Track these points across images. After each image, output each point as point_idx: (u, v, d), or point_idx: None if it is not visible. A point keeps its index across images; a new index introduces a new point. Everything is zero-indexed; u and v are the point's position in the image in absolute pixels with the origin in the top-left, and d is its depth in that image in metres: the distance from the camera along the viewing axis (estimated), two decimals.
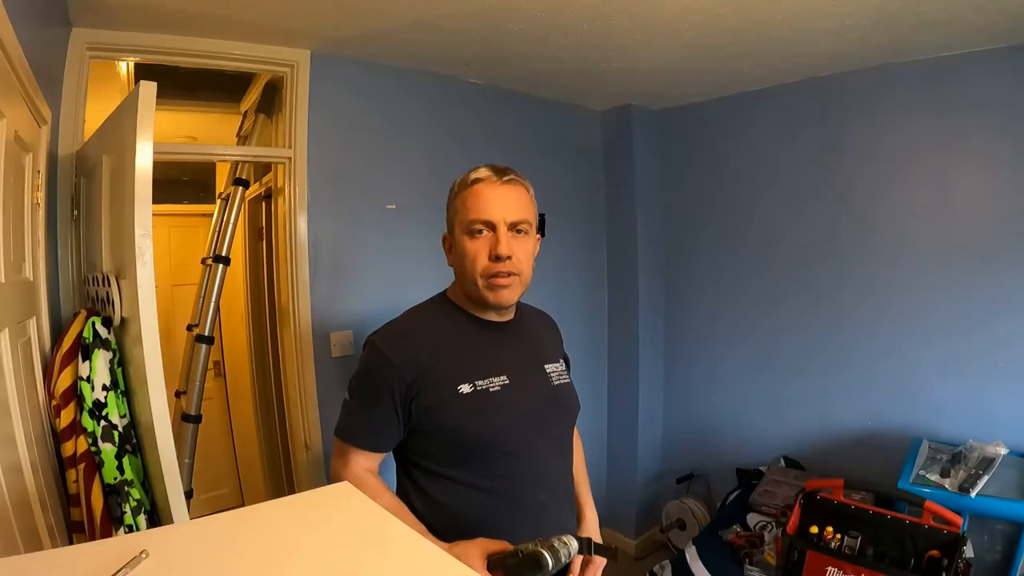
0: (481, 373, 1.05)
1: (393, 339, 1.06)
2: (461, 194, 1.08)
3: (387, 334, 1.08)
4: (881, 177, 2.19)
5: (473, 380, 1.03)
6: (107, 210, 1.38)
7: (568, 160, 2.79)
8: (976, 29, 1.78)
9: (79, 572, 0.44)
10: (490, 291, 1.05)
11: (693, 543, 2.01)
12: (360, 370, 1.08)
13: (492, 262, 1.03)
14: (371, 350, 1.06)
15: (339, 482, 0.75)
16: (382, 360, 1.03)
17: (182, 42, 1.76)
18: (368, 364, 1.06)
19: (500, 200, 1.04)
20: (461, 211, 1.06)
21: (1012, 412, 1.91)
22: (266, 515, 0.54)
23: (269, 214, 2.41)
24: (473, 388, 1.03)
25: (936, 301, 2.08)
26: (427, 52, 2.04)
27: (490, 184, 1.06)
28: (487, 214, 1.03)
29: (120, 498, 1.21)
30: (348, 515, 0.54)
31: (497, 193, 1.05)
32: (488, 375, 1.05)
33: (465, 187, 1.08)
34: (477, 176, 1.07)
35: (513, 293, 1.07)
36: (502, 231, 1.03)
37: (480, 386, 1.03)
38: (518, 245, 1.05)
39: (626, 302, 2.89)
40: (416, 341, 1.05)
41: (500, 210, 1.03)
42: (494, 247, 1.03)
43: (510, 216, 1.04)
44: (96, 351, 1.25)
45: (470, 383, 1.03)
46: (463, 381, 1.02)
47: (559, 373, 1.18)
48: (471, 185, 1.07)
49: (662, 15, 1.72)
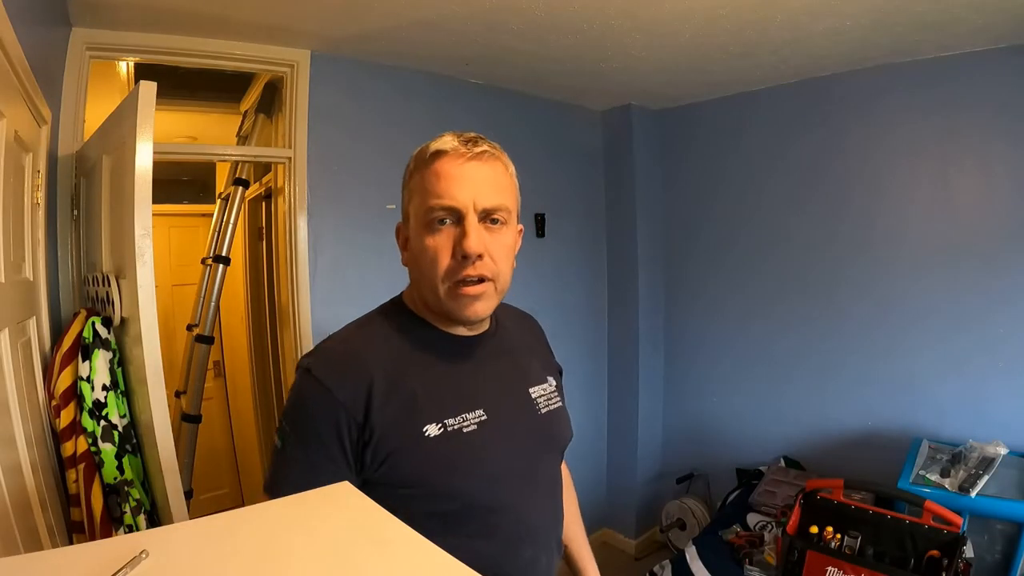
0: (452, 408, 0.79)
1: (334, 366, 0.78)
2: (419, 173, 0.81)
3: (326, 359, 0.79)
4: (881, 177, 2.19)
5: (442, 418, 0.78)
6: (107, 210, 1.38)
7: (568, 160, 2.79)
8: (976, 29, 1.78)
9: (79, 572, 0.44)
10: (455, 302, 0.79)
11: (693, 543, 2.01)
12: (292, 407, 0.79)
13: (458, 262, 0.78)
14: (306, 381, 0.77)
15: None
16: (321, 394, 0.75)
17: (182, 42, 1.76)
18: (303, 399, 0.78)
19: (470, 179, 0.78)
20: (418, 194, 0.80)
21: (1012, 412, 1.91)
22: (266, 515, 0.54)
23: (269, 214, 2.41)
24: (443, 429, 0.77)
25: (936, 301, 2.08)
26: (427, 52, 2.04)
27: (456, 159, 0.79)
28: (452, 199, 0.77)
29: (120, 498, 1.21)
30: (349, 515, 0.54)
31: (466, 170, 0.79)
32: (461, 410, 0.80)
33: (423, 162, 0.81)
34: (439, 147, 0.79)
35: (487, 305, 0.82)
36: (471, 221, 0.77)
37: (451, 426, 0.78)
38: (493, 240, 0.79)
39: (626, 302, 2.89)
40: (365, 367, 0.77)
41: (469, 192, 0.77)
42: (460, 242, 0.77)
43: (483, 200, 0.78)
44: (96, 351, 1.25)
45: (438, 422, 0.77)
46: (429, 420, 0.77)
47: (548, 396, 0.94)
48: (431, 160, 0.79)
49: (662, 15, 1.72)
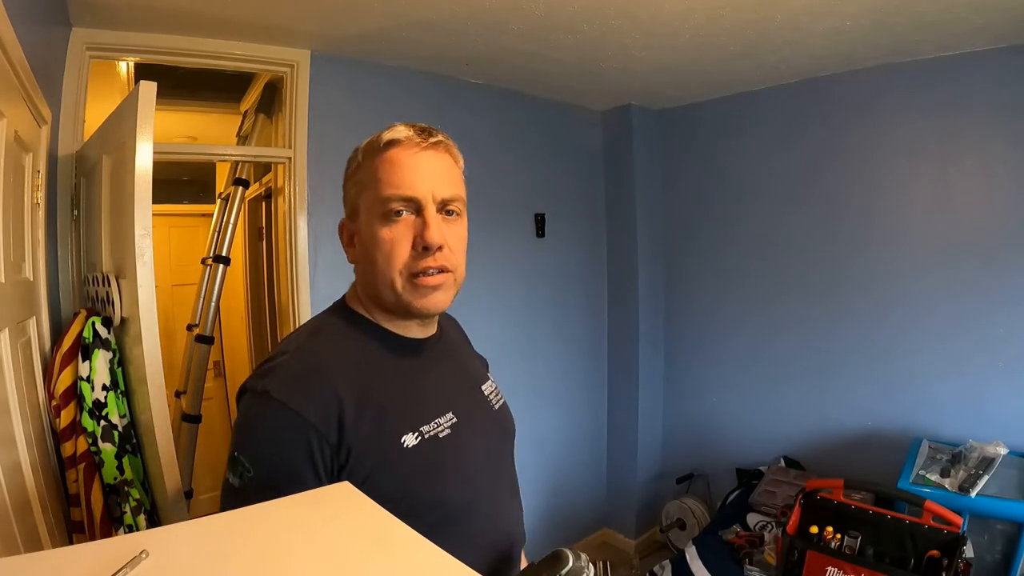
0: (424, 414, 0.76)
1: (297, 383, 0.70)
2: (370, 163, 0.78)
3: (285, 377, 0.71)
4: (881, 177, 2.19)
5: (417, 426, 0.74)
6: (107, 210, 1.38)
7: (568, 160, 2.79)
8: (976, 29, 1.78)
9: (79, 572, 0.44)
10: (416, 295, 0.76)
11: (693, 543, 2.01)
12: (252, 438, 0.70)
13: (418, 253, 0.75)
14: (265, 405, 0.68)
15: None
16: (287, 418, 0.67)
17: (182, 42, 1.76)
18: (266, 427, 0.69)
19: (426, 169, 0.77)
20: (371, 186, 0.77)
21: (1012, 412, 1.91)
22: (266, 515, 0.54)
23: (269, 214, 2.41)
24: (419, 437, 0.73)
25: (936, 301, 2.08)
26: (427, 52, 2.04)
27: (411, 148, 0.77)
28: (410, 188, 0.75)
29: (120, 498, 1.21)
30: (349, 515, 0.54)
31: (422, 160, 0.77)
32: (433, 415, 0.77)
33: (375, 153, 0.77)
34: (393, 137, 0.77)
35: (447, 296, 0.79)
36: (431, 211, 0.75)
37: (427, 433, 0.74)
38: (450, 231, 0.77)
39: (626, 302, 2.89)
40: (329, 381, 0.71)
41: (427, 182, 0.76)
42: (420, 233, 0.75)
43: (440, 191, 0.76)
44: (96, 351, 1.25)
45: (414, 431, 0.73)
46: (405, 429, 0.73)
47: (495, 392, 0.92)
48: (385, 150, 0.77)
49: (662, 15, 1.72)
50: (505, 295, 2.52)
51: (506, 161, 2.52)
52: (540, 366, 2.70)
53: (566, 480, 2.81)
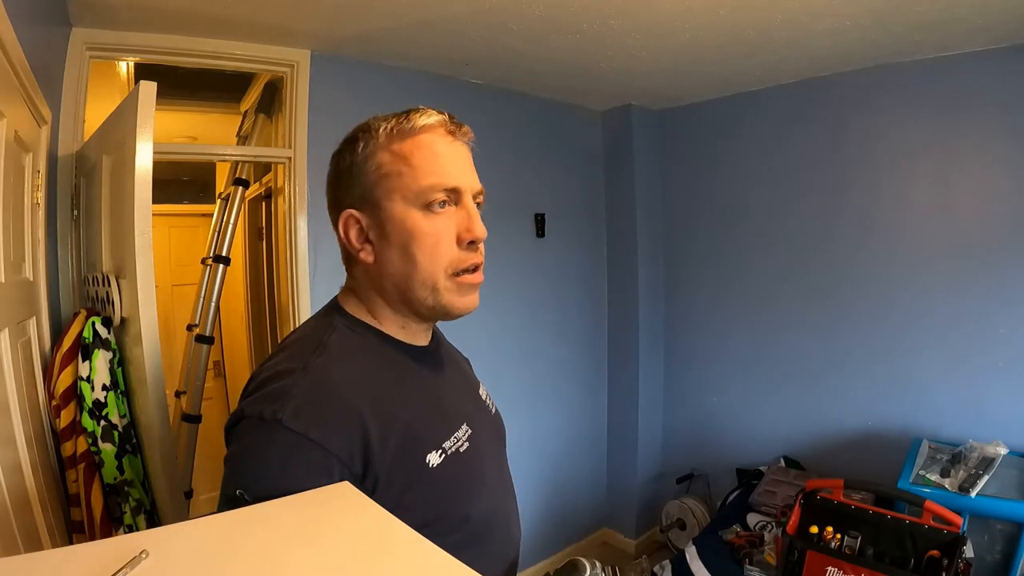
0: (444, 430, 0.70)
1: (315, 409, 0.61)
2: (399, 146, 0.68)
3: (301, 404, 0.61)
4: (881, 177, 2.19)
5: (440, 443, 0.68)
6: (107, 210, 1.38)
7: (568, 160, 2.79)
8: (976, 29, 1.78)
9: (79, 572, 0.44)
10: (458, 294, 0.70)
11: (693, 543, 2.01)
12: (262, 475, 0.59)
13: (465, 248, 0.69)
14: (277, 436, 0.59)
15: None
16: (308, 451, 0.59)
17: (182, 42, 1.76)
18: (279, 464, 0.59)
19: (464, 158, 0.72)
20: (404, 173, 0.67)
21: (1012, 412, 1.91)
22: (266, 515, 0.54)
23: (269, 214, 2.41)
24: (443, 455, 0.68)
25: (936, 301, 2.08)
26: (427, 52, 2.04)
27: (448, 135, 0.71)
28: (454, 178, 0.68)
29: (120, 498, 1.21)
30: (349, 515, 0.54)
31: (459, 149, 0.72)
32: (452, 430, 0.71)
33: (406, 135, 0.69)
34: (427, 122, 0.70)
35: (478, 296, 0.74)
36: (472, 203, 0.70)
37: (449, 449, 0.69)
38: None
39: (626, 302, 2.89)
40: (348, 404, 0.63)
41: (467, 172, 0.71)
42: (467, 226, 0.69)
43: (475, 183, 0.72)
44: (96, 351, 1.25)
45: (437, 449, 0.68)
46: (428, 449, 0.67)
47: (487, 395, 0.88)
48: (419, 133, 0.69)
49: (662, 15, 1.72)
50: (505, 295, 2.52)
51: (506, 161, 2.52)
52: (540, 366, 2.70)
53: (566, 480, 2.81)
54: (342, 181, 0.71)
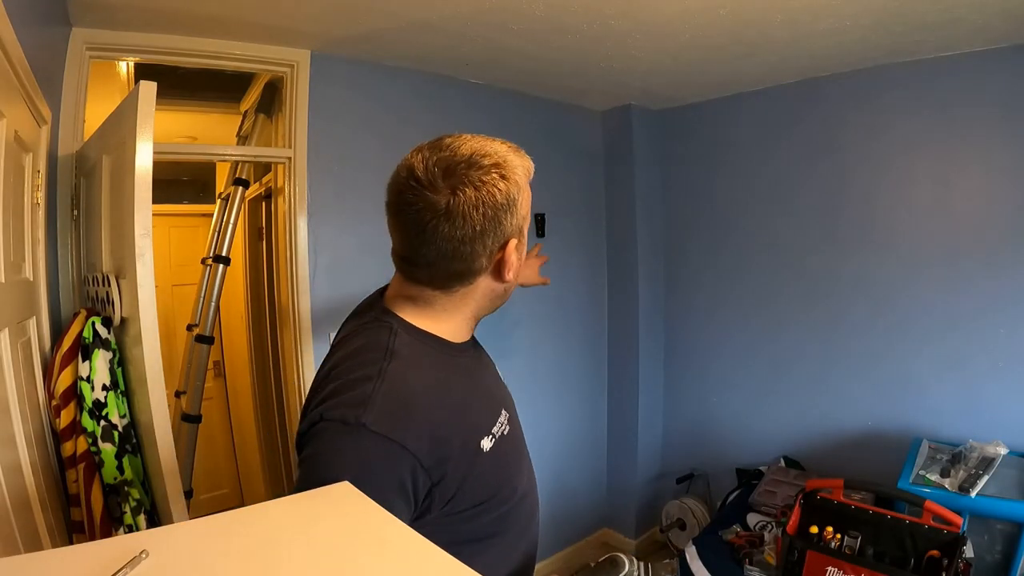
0: (490, 417, 0.80)
1: (395, 412, 0.69)
2: (526, 187, 0.78)
3: (383, 408, 0.68)
4: (881, 178, 2.19)
5: (489, 429, 0.78)
6: (107, 210, 1.38)
7: (568, 160, 2.79)
8: (976, 29, 1.78)
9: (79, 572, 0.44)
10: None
11: (693, 543, 2.01)
12: (347, 471, 0.64)
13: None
14: (363, 438, 0.67)
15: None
16: (389, 451, 0.67)
17: (182, 42, 1.76)
18: (361, 461, 0.67)
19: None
20: (526, 208, 0.79)
21: (1012, 412, 1.91)
22: (266, 515, 0.54)
23: (269, 214, 2.41)
24: (492, 440, 0.78)
25: (936, 301, 2.08)
26: (427, 52, 2.04)
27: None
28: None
29: (120, 498, 1.21)
30: (349, 515, 0.54)
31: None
32: (495, 416, 0.81)
33: (526, 170, 0.79)
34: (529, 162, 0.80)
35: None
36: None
37: (496, 434, 0.79)
38: None
39: (626, 302, 2.89)
40: (423, 408, 0.72)
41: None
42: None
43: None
44: (96, 351, 1.25)
45: (488, 435, 0.78)
46: (481, 435, 0.76)
47: (503, 380, 0.98)
48: (528, 169, 0.79)
49: (662, 15, 1.72)
50: None
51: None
52: (540, 366, 2.70)
53: (566, 480, 2.81)
54: (501, 214, 0.75)
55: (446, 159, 0.74)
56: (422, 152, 0.76)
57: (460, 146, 0.75)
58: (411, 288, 0.81)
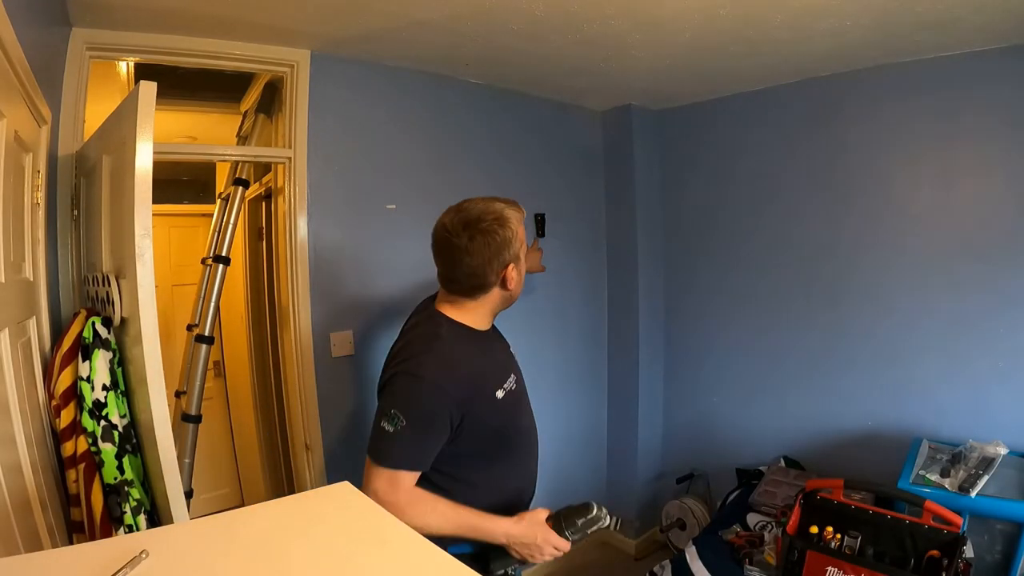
0: (502, 378, 1.29)
1: (444, 372, 1.17)
2: (519, 224, 1.26)
3: (437, 368, 1.17)
4: (882, 177, 2.19)
5: (501, 385, 1.27)
6: (107, 210, 1.38)
7: (568, 160, 2.79)
8: (976, 29, 1.78)
9: (79, 572, 0.44)
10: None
11: (693, 543, 2.01)
12: (411, 404, 1.15)
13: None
14: (422, 387, 1.15)
15: (381, 502, 0.87)
16: (440, 392, 1.15)
17: (182, 42, 1.76)
18: (424, 398, 1.15)
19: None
20: (521, 238, 1.27)
21: (1012, 412, 1.91)
22: (266, 515, 0.54)
23: (269, 214, 2.41)
24: (504, 392, 1.27)
25: (936, 301, 2.08)
26: (427, 52, 2.04)
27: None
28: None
29: (120, 498, 1.21)
30: (348, 515, 0.54)
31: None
32: (506, 378, 1.30)
33: (519, 214, 1.28)
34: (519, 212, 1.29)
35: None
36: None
37: (506, 388, 1.28)
38: None
39: (626, 302, 2.89)
40: (461, 368, 1.20)
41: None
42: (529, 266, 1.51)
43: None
44: (96, 351, 1.25)
45: (501, 388, 1.26)
46: (496, 388, 1.25)
47: (516, 359, 1.47)
48: (521, 222, 1.29)
49: (662, 15, 1.72)
50: None
51: (506, 161, 2.52)
52: (540, 365, 2.69)
53: (566, 480, 2.81)
54: (502, 249, 1.22)
55: (464, 218, 1.20)
56: (450, 213, 1.23)
57: (472, 208, 1.21)
58: (450, 296, 1.29)
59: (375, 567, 0.47)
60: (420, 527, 0.93)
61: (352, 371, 2.08)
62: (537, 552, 1.26)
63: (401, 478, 1.16)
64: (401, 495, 1.15)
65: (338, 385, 2.05)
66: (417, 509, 1.14)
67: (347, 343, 2.06)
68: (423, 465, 1.18)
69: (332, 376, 2.03)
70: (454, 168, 2.32)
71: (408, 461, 1.16)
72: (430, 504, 1.17)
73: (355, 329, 2.07)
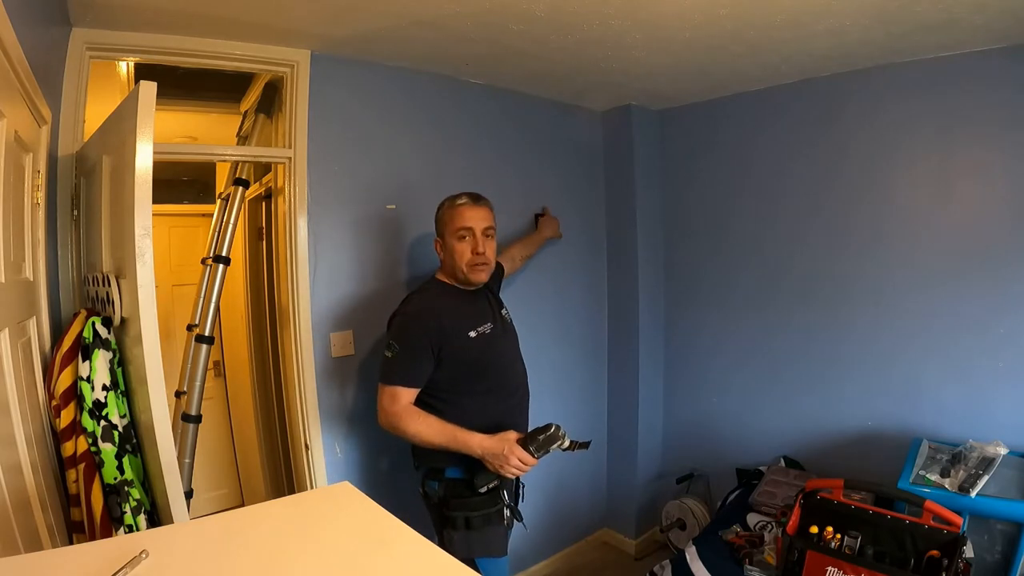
0: (477, 322, 1.64)
1: (422, 311, 1.61)
2: (449, 211, 1.64)
3: (416, 309, 1.62)
4: (882, 177, 2.19)
5: (475, 327, 1.62)
6: (107, 210, 1.38)
7: (568, 160, 2.79)
8: (976, 29, 1.78)
9: (79, 572, 0.44)
10: (472, 274, 1.65)
11: (693, 543, 2.01)
12: (401, 334, 1.57)
13: (473, 256, 1.62)
14: (407, 320, 1.60)
15: (385, 412, 1.54)
16: (419, 323, 1.57)
17: (182, 42, 1.76)
18: (409, 328, 1.57)
19: (476, 216, 1.63)
20: (450, 223, 1.64)
21: (1012, 412, 1.91)
22: (266, 515, 0.54)
23: (269, 214, 2.41)
24: (477, 333, 1.62)
25: (936, 301, 2.07)
26: (427, 52, 2.04)
27: (469, 206, 1.64)
28: (469, 224, 1.62)
29: (120, 498, 1.21)
30: (348, 515, 0.54)
31: (474, 211, 1.63)
32: (482, 323, 1.65)
33: (453, 207, 1.65)
34: (461, 202, 1.65)
35: (486, 275, 1.69)
36: (479, 235, 1.63)
37: (480, 331, 1.63)
38: (487, 244, 1.65)
39: (626, 302, 2.89)
40: (436, 310, 1.60)
41: (476, 221, 1.63)
42: (475, 247, 1.63)
43: (481, 225, 1.64)
44: (96, 351, 1.25)
45: (474, 330, 1.62)
46: (469, 329, 1.61)
47: (508, 315, 1.84)
48: (458, 207, 1.64)
49: (662, 15, 1.72)
50: (505, 295, 2.51)
51: (506, 161, 2.52)
52: (540, 365, 2.68)
53: (566, 480, 2.82)
54: (437, 226, 1.71)
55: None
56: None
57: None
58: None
59: (375, 567, 0.47)
60: (414, 434, 1.51)
61: (352, 371, 2.08)
62: (505, 463, 1.47)
63: (399, 393, 1.53)
64: (400, 407, 1.53)
65: (338, 385, 2.05)
66: (412, 419, 1.51)
67: (347, 343, 2.06)
68: (416, 382, 1.55)
69: (332, 376, 2.04)
70: (454, 168, 2.32)
71: (403, 379, 1.54)
72: (423, 417, 1.52)
73: (355, 329, 2.07)
